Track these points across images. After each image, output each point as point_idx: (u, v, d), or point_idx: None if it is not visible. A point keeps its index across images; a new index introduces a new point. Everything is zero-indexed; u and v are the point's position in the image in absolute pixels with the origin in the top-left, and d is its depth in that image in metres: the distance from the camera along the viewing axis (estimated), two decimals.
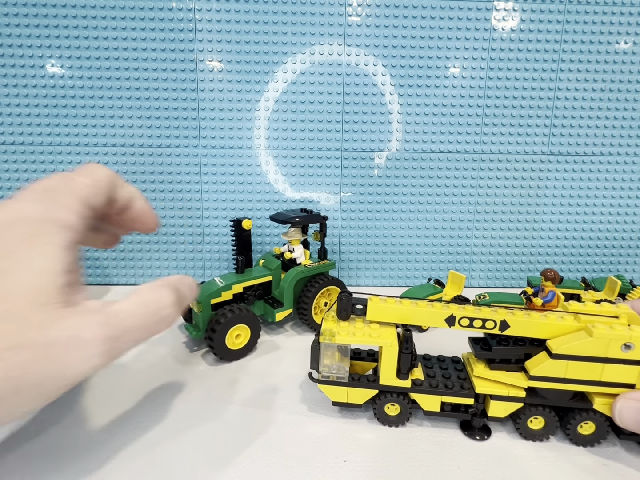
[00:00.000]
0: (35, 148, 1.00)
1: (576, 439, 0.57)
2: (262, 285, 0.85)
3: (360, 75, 1.00)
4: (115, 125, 1.00)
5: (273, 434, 0.58)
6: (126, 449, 0.55)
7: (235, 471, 0.52)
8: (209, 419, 0.61)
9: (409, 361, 0.58)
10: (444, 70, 1.00)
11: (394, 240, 1.10)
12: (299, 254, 0.88)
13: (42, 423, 0.59)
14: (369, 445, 0.56)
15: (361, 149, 1.04)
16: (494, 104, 1.02)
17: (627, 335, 0.52)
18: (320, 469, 0.52)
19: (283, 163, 1.04)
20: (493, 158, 1.06)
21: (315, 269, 0.87)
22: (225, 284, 0.79)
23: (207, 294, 0.76)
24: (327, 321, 0.61)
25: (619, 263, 1.13)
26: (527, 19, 0.97)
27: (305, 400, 0.65)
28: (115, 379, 0.69)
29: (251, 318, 0.76)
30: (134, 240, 1.07)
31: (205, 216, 1.07)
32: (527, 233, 1.11)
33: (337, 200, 1.07)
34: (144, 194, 1.03)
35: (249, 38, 0.97)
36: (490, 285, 1.14)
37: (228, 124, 1.02)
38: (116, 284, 1.09)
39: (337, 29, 0.97)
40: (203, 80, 0.99)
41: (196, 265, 1.09)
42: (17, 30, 0.94)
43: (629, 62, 1.00)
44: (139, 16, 0.94)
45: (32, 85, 0.97)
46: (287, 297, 0.84)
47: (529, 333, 0.57)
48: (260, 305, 0.87)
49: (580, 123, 1.04)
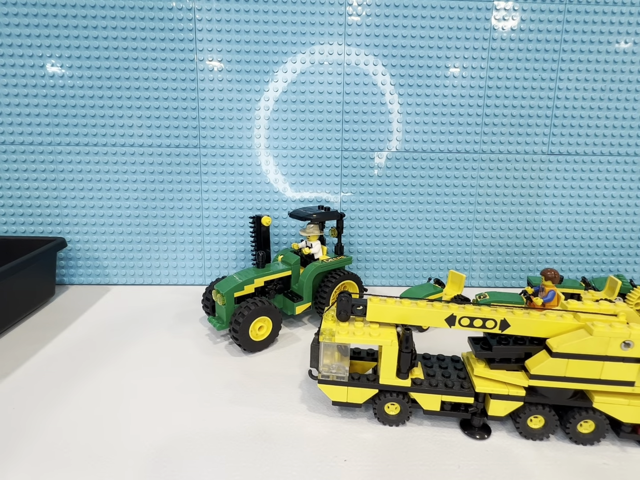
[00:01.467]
0: (35, 148, 1.00)
1: (576, 438, 0.57)
2: (281, 279, 0.87)
3: (360, 75, 1.00)
4: (115, 125, 1.00)
5: (273, 434, 0.58)
6: (125, 446, 0.55)
7: (235, 471, 0.52)
8: (209, 418, 0.61)
9: (409, 360, 0.58)
10: (444, 70, 1.00)
11: (394, 240, 1.10)
12: (316, 250, 0.91)
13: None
14: (369, 445, 0.56)
15: (361, 148, 1.04)
16: (494, 104, 1.02)
17: (626, 333, 0.52)
18: (320, 469, 0.52)
19: (283, 163, 1.04)
20: (493, 158, 1.06)
21: (333, 263, 0.90)
22: (246, 278, 0.81)
23: (231, 288, 0.79)
24: (326, 320, 0.61)
25: (619, 263, 1.13)
26: (527, 19, 0.97)
27: (305, 400, 0.65)
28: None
29: (273, 310, 0.79)
30: (133, 240, 1.07)
31: (205, 216, 1.07)
32: (527, 233, 1.11)
33: (337, 200, 1.07)
34: (145, 194, 1.04)
35: (249, 38, 0.97)
36: (490, 285, 1.14)
37: (228, 124, 1.02)
38: (116, 283, 1.10)
39: (337, 29, 0.97)
40: (203, 80, 0.99)
41: (196, 265, 1.09)
42: (17, 30, 0.94)
43: (629, 62, 1.00)
44: (139, 16, 0.94)
45: (32, 85, 0.97)
46: (306, 291, 0.87)
47: (529, 332, 0.57)
48: (279, 299, 0.89)
49: (580, 123, 1.04)
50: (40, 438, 0.56)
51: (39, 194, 1.03)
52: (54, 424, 0.59)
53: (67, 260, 1.08)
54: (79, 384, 0.68)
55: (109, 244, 1.07)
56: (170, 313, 0.94)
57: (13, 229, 1.05)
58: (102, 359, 0.75)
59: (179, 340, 0.82)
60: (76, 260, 1.08)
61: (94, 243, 1.07)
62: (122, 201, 1.05)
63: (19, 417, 0.60)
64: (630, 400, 0.55)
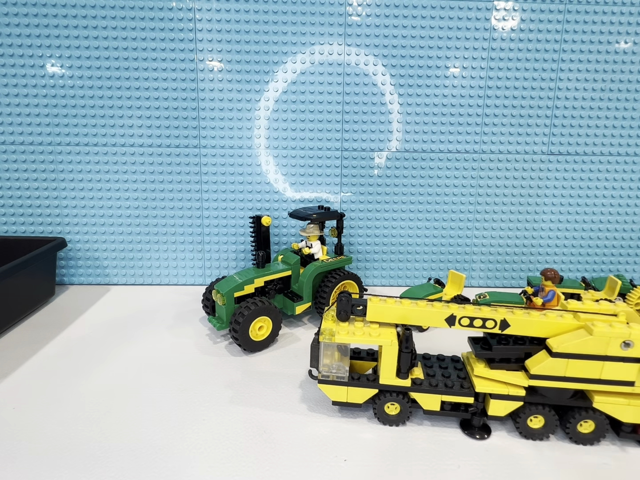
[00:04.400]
0: (35, 148, 1.00)
1: (576, 438, 0.57)
2: (282, 279, 0.87)
3: (360, 75, 1.00)
4: (115, 125, 1.00)
5: (273, 434, 0.58)
6: (122, 443, 0.55)
7: (235, 471, 0.52)
8: (209, 418, 0.61)
9: (408, 360, 0.58)
10: (444, 70, 1.00)
11: (394, 240, 1.10)
12: (316, 250, 0.91)
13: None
14: (369, 445, 0.56)
15: (361, 148, 1.04)
16: (494, 104, 1.02)
17: (626, 332, 0.52)
18: (320, 469, 0.52)
19: (283, 163, 1.04)
20: (493, 158, 1.06)
21: (333, 263, 0.90)
22: (246, 278, 0.81)
23: (231, 288, 0.79)
24: (326, 320, 0.61)
25: (619, 263, 1.13)
26: (527, 19, 0.97)
27: (305, 400, 0.65)
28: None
29: (273, 310, 0.79)
30: (134, 240, 1.07)
31: (205, 216, 1.07)
32: (527, 233, 1.11)
33: (337, 200, 1.07)
34: (145, 194, 1.04)
35: (249, 38, 0.97)
36: (490, 285, 1.14)
37: (228, 124, 1.02)
38: (116, 283, 1.10)
39: (337, 29, 0.97)
40: (203, 80, 0.99)
41: (196, 265, 1.09)
42: (17, 30, 0.94)
43: (629, 62, 1.00)
44: (139, 16, 0.94)
45: (32, 85, 0.97)
46: (306, 291, 0.87)
47: (529, 332, 0.57)
48: (279, 299, 0.89)
49: (580, 123, 1.04)
50: (40, 438, 0.56)
51: (39, 194, 1.03)
52: (54, 424, 0.59)
53: (67, 260, 1.08)
54: (79, 383, 0.68)
55: (109, 244, 1.07)
56: (170, 313, 0.94)
57: (13, 229, 1.05)
58: (102, 358, 0.75)
59: (179, 340, 0.82)
60: (76, 260, 1.08)
61: (94, 243, 1.07)
62: (122, 201, 1.05)
63: (19, 417, 0.60)
64: (630, 400, 0.55)
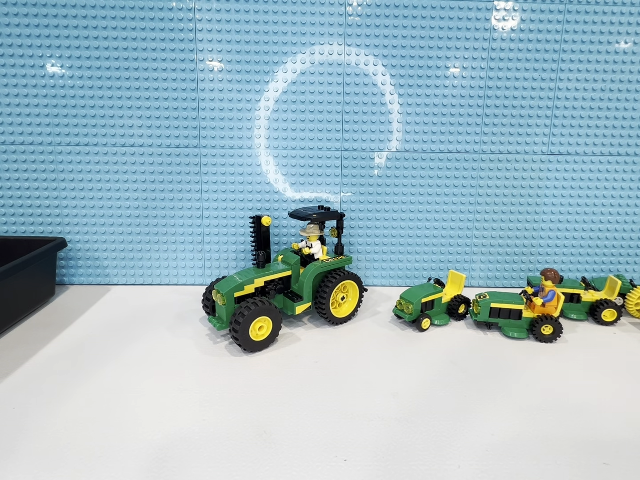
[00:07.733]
0: (35, 148, 1.00)
1: None
2: (282, 279, 0.87)
3: (360, 75, 1.00)
4: (115, 125, 1.00)
5: (273, 434, 0.58)
6: (122, 441, 0.55)
7: (235, 471, 0.52)
8: (209, 418, 0.61)
9: None
10: (444, 70, 1.00)
11: (394, 240, 1.10)
12: (316, 250, 0.90)
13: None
14: (369, 445, 0.56)
15: (361, 148, 1.04)
16: (494, 104, 1.02)
17: None
18: (320, 469, 0.52)
19: (283, 163, 1.04)
20: (493, 158, 1.06)
21: (333, 263, 0.90)
22: (246, 278, 0.81)
23: (231, 288, 0.79)
24: None
25: (619, 263, 1.13)
26: (527, 19, 0.97)
27: (305, 400, 0.65)
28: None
29: (273, 310, 0.79)
30: (134, 240, 1.07)
31: (205, 216, 1.07)
32: (527, 233, 1.11)
33: (337, 200, 1.07)
34: (145, 194, 1.04)
35: (249, 38, 0.97)
36: (490, 285, 1.14)
37: (228, 124, 1.02)
38: (116, 283, 1.10)
39: (337, 29, 0.97)
40: (203, 80, 0.99)
41: (196, 265, 1.09)
42: (17, 30, 0.94)
43: (629, 62, 1.00)
44: (139, 16, 0.94)
45: (32, 85, 0.97)
46: (306, 291, 0.87)
47: None
48: (279, 299, 0.89)
49: (580, 123, 1.04)
50: (40, 438, 0.56)
51: (39, 194, 1.03)
52: (54, 424, 0.59)
53: (67, 260, 1.08)
54: (79, 383, 0.68)
55: (109, 244, 1.07)
56: (170, 313, 0.94)
57: (13, 229, 1.05)
58: (102, 358, 0.75)
59: (179, 340, 0.82)
60: (76, 260, 1.08)
61: (94, 243, 1.07)
62: (122, 201, 1.05)
63: (19, 417, 0.60)
64: None
